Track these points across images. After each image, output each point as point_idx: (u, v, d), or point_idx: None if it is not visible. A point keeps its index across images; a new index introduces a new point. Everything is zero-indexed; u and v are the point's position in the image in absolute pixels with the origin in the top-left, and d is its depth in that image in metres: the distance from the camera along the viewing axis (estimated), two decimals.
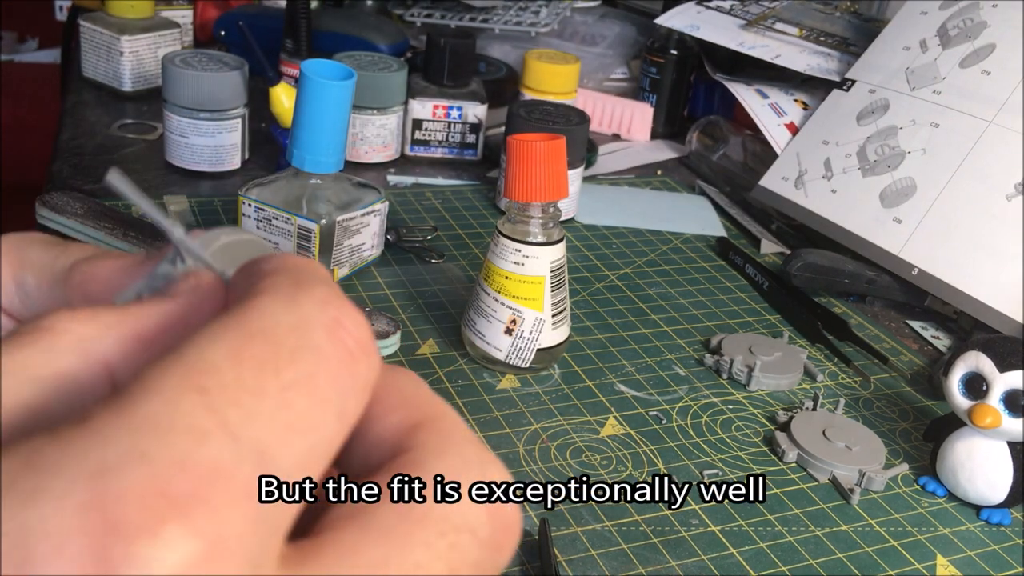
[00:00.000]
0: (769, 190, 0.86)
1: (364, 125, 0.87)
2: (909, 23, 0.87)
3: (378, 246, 0.72)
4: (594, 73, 1.13)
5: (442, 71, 0.90)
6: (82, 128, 0.89)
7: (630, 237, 0.83)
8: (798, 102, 0.93)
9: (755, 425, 0.60)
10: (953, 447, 0.54)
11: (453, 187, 0.87)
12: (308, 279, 0.19)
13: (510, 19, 1.14)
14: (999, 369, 0.52)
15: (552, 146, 0.57)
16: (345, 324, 0.18)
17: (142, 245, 0.66)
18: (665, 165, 1.00)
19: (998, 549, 0.53)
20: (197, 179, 0.82)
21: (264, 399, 0.17)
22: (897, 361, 0.69)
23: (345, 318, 0.18)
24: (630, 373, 0.64)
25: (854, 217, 0.78)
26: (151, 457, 0.15)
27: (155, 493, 0.15)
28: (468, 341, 0.62)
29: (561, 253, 0.60)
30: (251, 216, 0.68)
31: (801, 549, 0.50)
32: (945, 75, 0.81)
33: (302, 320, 0.18)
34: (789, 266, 0.74)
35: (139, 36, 0.95)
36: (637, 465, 0.55)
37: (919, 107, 0.80)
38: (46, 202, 0.69)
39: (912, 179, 0.77)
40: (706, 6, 1.04)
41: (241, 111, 0.81)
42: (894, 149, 0.79)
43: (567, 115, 0.81)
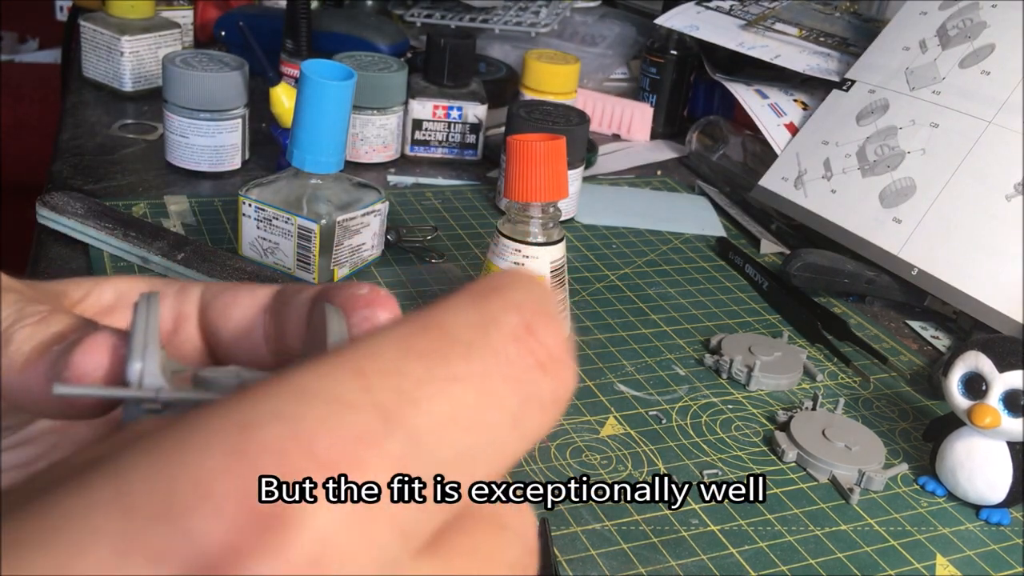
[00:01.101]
0: (769, 190, 0.86)
1: (364, 125, 0.87)
2: (909, 23, 0.87)
3: (378, 246, 0.72)
4: (594, 73, 1.13)
5: (442, 71, 0.90)
6: (82, 128, 0.89)
7: (630, 237, 0.83)
8: (798, 102, 0.93)
9: (755, 425, 0.60)
10: (953, 447, 0.54)
11: (453, 187, 0.88)
12: (510, 284, 0.18)
13: (510, 19, 1.14)
14: (998, 369, 0.52)
15: (552, 146, 0.57)
16: (538, 333, 0.17)
17: (142, 245, 0.66)
18: (665, 165, 1.00)
19: (998, 549, 0.53)
20: (197, 179, 0.82)
21: (426, 387, 0.16)
22: (897, 361, 0.69)
23: (540, 327, 0.17)
24: (630, 373, 0.64)
25: (854, 217, 0.78)
26: (291, 416, 0.14)
27: (298, 449, 0.14)
28: None
29: (561, 253, 0.60)
30: (251, 216, 0.68)
31: (801, 549, 0.51)
32: (945, 75, 0.81)
33: (486, 319, 0.17)
34: (789, 266, 0.74)
35: (139, 36, 0.95)
36: (637, 465, 0.55)
37: (919, 107, 0.80)
38: (46, 202, 0.69)
39: (912, 179, 0.77)
40: (706, 6, 1.04)
41: (241, 111, 0.81)
42: (894, 149, 0.80)
43: (567, 115, 0.81)
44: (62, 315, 0.25)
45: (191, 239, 0.68)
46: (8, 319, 0.25)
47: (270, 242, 0.68)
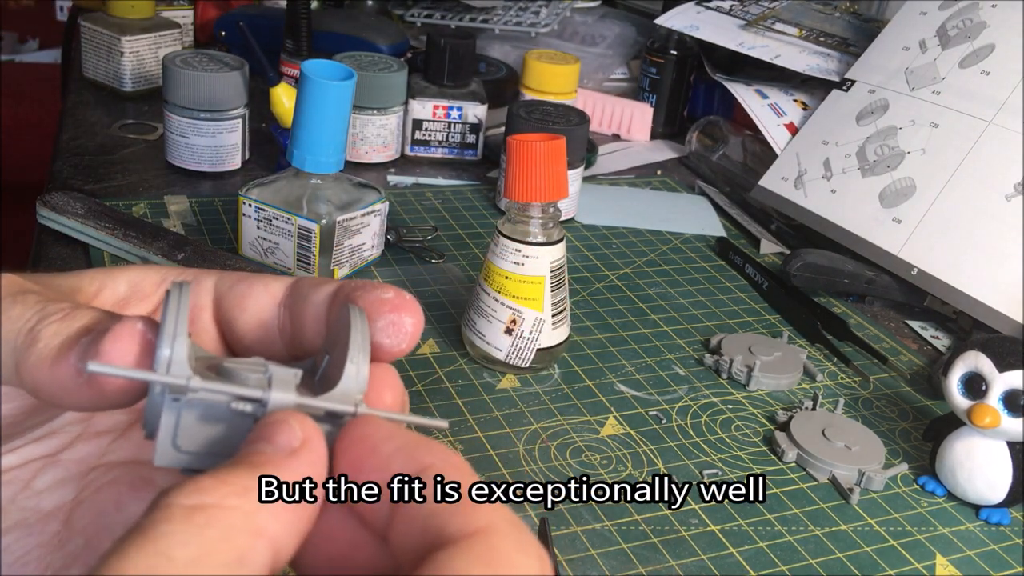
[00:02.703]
0: (769, 190, 0.86)
1: (364, 125, 0.87)
2: (908, 23, 0.87)
3: (378, 246, 0.72)
4: (594, 73, 1.13)
5: (442, 71, 0.90)
6: (83, 128, 0.90)
7: (630, 237, 0.83)
8: (798, 102, 0.93)
9: (755, 425, 0.60)
10: (952, 447, 0.54)
11: (453, 187, 0.88)
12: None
13: (510, 19, 1.14)
14: (998, 369, 0.52)
15: (552, 146, 0.57)
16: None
17: (142, 245, 0.66)
18: (665, 165, 1.00)
19: (997, 549, 0.53)
20: (197, 179, 0.82)
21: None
22: (896, 361, 0.69)
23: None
24: (630, 373, 0.64)
25: (853, 217, 0.78)
26: None
27: None
28: (468, 341, 0.62)
29: (561, 253, 0.60)
30: (251, 216, 0.68)
31: (801, 549, 0.51)
32: (944, 75, 0.81)
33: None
34: (789, 266, 0.74)
35: (139, 36, 0.95)
36: (637, 465, 0.55)
37: (918, 107, 0.80)
38: (46, 202, 0.69)
39: (911, 179, 0.77)
40: (706, 6, 1.04)
41: (241, 111, 0.81)
42: (893, 149, 0.80)
43: (567, 115, 0.81)
44: (85, 310, 0.25)
45: (191, 239, 0.68)
46: (32, 319, 0.25)
47: (270, 242, 0.68)
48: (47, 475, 0.29)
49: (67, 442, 0.29)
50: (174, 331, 0.23)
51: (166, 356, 0.22)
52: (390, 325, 0.26)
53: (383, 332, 0.26)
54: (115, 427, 0.30)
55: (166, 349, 0.23)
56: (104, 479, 0.29)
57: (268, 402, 0.23)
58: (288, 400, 0.23)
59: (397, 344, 0.26)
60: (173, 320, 0.23)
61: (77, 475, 0.29)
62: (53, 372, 0.24)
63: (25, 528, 0.28)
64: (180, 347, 0.23)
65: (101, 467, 0.29)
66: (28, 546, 0.28)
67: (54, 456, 0.29)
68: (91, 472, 0.29)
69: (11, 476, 0.28)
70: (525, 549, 0.20)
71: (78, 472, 0.29)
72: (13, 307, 0.25)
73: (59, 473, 0.29)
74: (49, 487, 0.29)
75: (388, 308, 0.26)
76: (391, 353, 0.26)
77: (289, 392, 0.23)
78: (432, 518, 0.21)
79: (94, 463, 0.29)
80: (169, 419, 0.23)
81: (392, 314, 0.26)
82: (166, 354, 0.23)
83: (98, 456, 0.29)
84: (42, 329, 0.25)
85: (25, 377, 0.24)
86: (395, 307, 0.26)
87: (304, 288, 0.28)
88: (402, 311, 0.26)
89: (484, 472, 0.53)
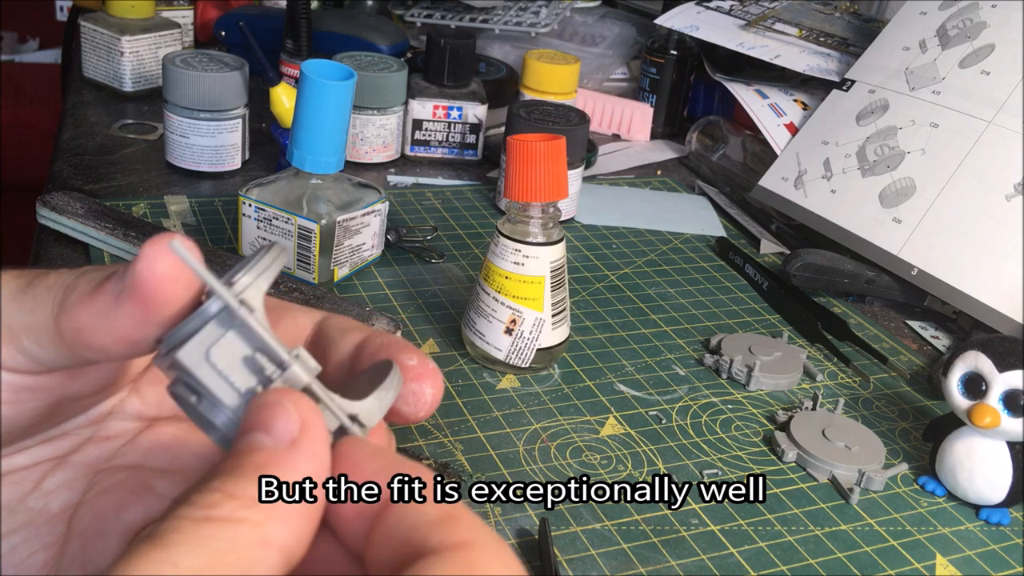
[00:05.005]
0: (769, 190, 0.86)
1: (364, 125, 0.87)
2: (908, 23, 0.87)
3: (378, 246, 0.72)
4: (594, 73, 1.13)
5: (442, 71, 0.90)
6: (83, 128, 0.90)
7: (630, 237, 0.83)
8: (798, 102, 0.93)
9: (755, 425, 0.60)
10: (952, 447, 0.54)
11: (453, 187, 0.88)
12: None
13: (510, 19, 1.14)
14: (998, 369, 0.52)
15: (552, 146, 0.57)
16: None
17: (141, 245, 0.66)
18: (665, 165, 1.00)
19: (997, 549, 0.53)
20: (197, 179, 0.82)
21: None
22: (896, 361, 0.69)
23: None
24: (630, 373, 0.64)
25: (853, 217, 0.78)
26: None
27: None
28: (468, 341, 0.62)
29: (561, 253, 0.60)
30: (251, 216, 0.68)
31: (801, 549, 0.51)
32: (944, 75, 0.81)
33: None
34: (789, 266, 0.74)
35: (139, 36, 0.95)
36: (637, 465, 0.55)
37: (918, 107, 0.80)
38: (46, 202, 0.69)
39: (911, 179, 0.77)
40: (706, 6, 1.04)
41: (241, 111, 0.81)
42: (893, 149, 0.80)
43: (567, 115, 0.81)
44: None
45: (191, 239, 0.68)
46: (68, 278, 0.26)
47: (268, 242, 0.68)
48: (56, 476, 0.29)
49: (77, 444, 0.29)
50: (264, 270, 0.24)
51: (246, 282, 0.24)
52: (411, 394, 0.26)
53: (403, 399, 0.26)
54: (125, 432, 0.30)
55: (248, 277, 0.24)
56: (107, 482, 0.29)
57: (287, 366, 0.23)
58: (301, 378, 0.24)
59: (414, 412, 0.27)
60: (267, 263, 0.24)
61: (85, 478, 0.29)
62: (92, 301, 0.24)
63: (32, 529, 0.28)
64: (263, 282, 0.24)
65: (107, 470, 0.29)
66: (34, 547, 0.28)
67: (64, 458, 0.29)
68: (97, 475, 0.29)
69: (21, 476, 0.28)
70: (506, 563, 0.20)
71: (86, 475, 0.29)
72: (42, 281, 0.26)
73: (68, 475, 0.29)
74: (58, 488, 0.29)
75: (411, 376, 0.26)
76: (406, 420, 0.27)
77: (305, 374, 0.24)
78: (415, 531, 0.21)
79: (102, 466, 0.29)
80: (215, 331, 0.23)
81: (414, 383, 0.26)
82: (247, 280, 0.24)
83: (106, 460, 0.29)
84: (78, 283, 0.25)
85: (64, 322, 0.25)
86: (418, 376, 0.27)
87: (332, 331, 0.28)
88: (424, 380, 0.27)
89: (484, 472, 0.53)
